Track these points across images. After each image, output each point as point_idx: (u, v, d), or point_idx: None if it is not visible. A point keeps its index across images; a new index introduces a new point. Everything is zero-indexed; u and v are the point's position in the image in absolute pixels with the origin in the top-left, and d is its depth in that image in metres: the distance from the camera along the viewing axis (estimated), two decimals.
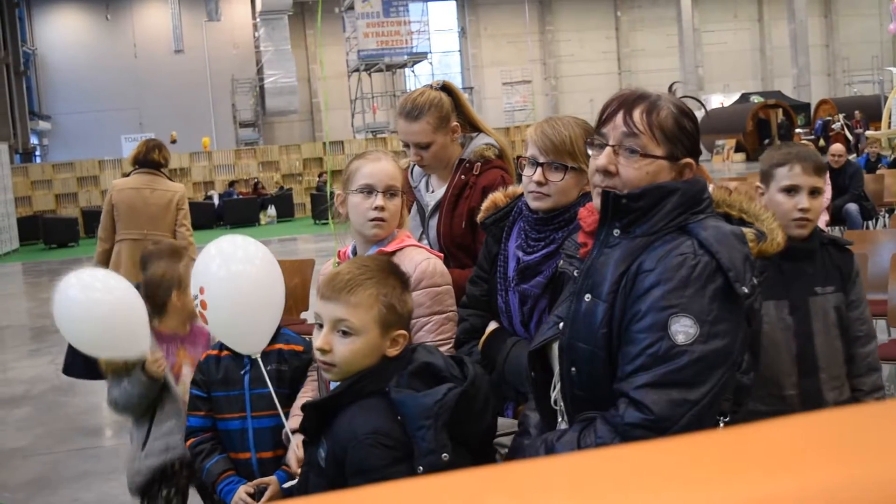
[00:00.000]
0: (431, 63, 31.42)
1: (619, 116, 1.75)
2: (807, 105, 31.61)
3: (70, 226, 21.09)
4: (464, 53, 39.68)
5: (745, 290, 1.62)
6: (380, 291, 1.97)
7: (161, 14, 34.65)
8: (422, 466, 1.83)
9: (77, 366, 3.41)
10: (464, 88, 33.07)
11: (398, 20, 28.09)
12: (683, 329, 1.59)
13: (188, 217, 5.87)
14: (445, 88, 2.95)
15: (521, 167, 2.29)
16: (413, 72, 31.42)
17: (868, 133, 20.66)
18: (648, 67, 38.79)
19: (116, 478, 4.37)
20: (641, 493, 0.48)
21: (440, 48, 36.78)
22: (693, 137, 1.78)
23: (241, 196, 24.33)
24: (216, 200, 23.97)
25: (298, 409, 2.32)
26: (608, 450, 0.57)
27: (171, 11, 33.38)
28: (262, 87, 33.63)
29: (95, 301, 2.69)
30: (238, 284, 2.53)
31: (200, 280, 2.54)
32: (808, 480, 0.48)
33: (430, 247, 2.78)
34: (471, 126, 3.02)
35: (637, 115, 1.73)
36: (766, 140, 28.82)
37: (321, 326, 1.98)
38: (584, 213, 1.89)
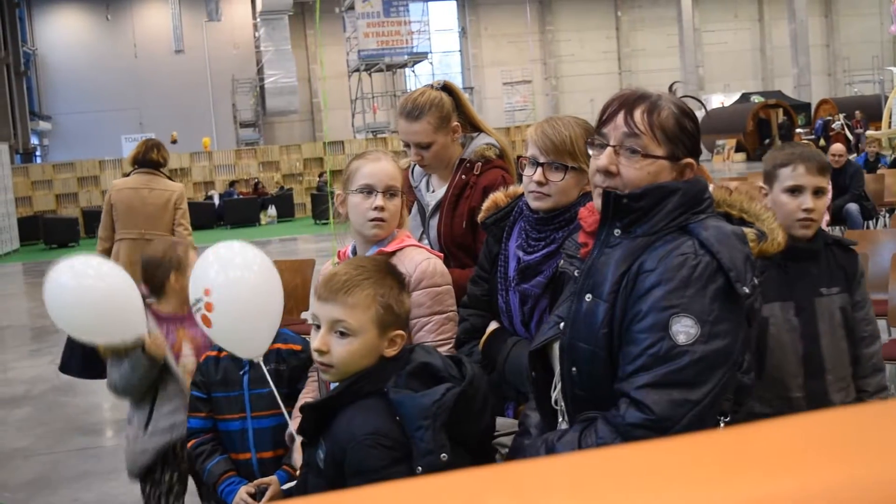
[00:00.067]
0: (432, 63, 31.39)
1: (620, 116, 1.75)
2: (807, 105, 31.59)
3: (70, 226, 21.06)
4: (464, 53, 39.69)
5: (746, 290, 1.62)
6: (377, 292, 1.97)
7: (161, 14, 34.66)
8: (421, 467, 1.83)
9: (74, 363, 3.42)
10: (464, 88, 33.08)
11: (398, 20, 28.07)
12: (684, 329, 1.59)
13: (187, 216, 5.87)
14: (446, 88, 2.95)
15: (522, 167, 2.28)
16: (413, 72, 31.38)
17: (868, 133, 20.64)
18: (649, 67, 38.79)
19: (116, 478, 4.37)
20: (642, 493, 0.48)
21: (440, 48, 36.78)
22: (694, 137, 1.78)
23: (242, 196, 24.32)
24: (216, 200, 23.97)
25: (299, 411, 2.32)
26: (609, 450, 0.57)
27: (172, 11, 33.39)
28: (263, 87, 33.64)
29: (87, 287, 2.69)
30: (237, 291, 2.51)
31: (200, 285, 2.53)
32: (809, 480, 0.48)
33: (431, 247, 2.78)
34: (471, 126, 3.02)
35: (638, 116, 1.73)
36: (767, 140, 28.83)
37: (318, 327, 1.98)
38: (585, 213, 1.89)
